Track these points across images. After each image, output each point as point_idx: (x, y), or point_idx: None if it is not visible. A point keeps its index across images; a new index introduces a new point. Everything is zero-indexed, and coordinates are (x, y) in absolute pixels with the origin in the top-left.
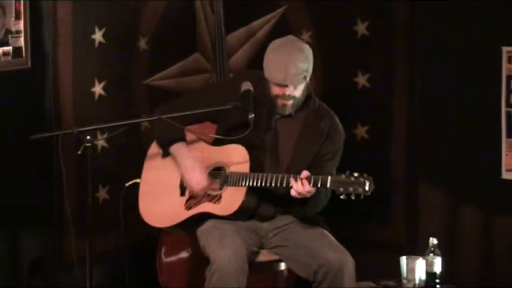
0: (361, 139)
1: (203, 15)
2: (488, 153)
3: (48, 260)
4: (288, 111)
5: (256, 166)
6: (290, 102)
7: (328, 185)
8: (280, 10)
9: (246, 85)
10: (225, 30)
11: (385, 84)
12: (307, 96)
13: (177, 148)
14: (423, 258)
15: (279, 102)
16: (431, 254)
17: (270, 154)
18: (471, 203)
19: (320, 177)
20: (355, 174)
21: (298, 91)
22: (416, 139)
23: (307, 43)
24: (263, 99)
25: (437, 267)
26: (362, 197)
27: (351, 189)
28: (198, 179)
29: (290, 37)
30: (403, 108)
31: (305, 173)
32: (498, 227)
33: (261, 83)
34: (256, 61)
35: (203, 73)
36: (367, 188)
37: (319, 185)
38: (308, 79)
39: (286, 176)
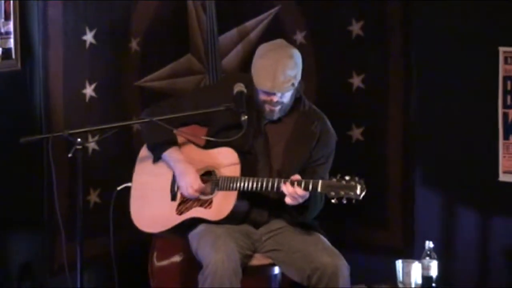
0: (356, 141)
1: (195, 15)
2: (485, 155)
3: (38, 265)
4: (275, 116)
5: (248, 171)
6: (277, 108)
7: (319, 189)
8: (273, 10)
9: (239, 86)
10: (218, 30)
11: (380, 85)
12: (297, 99)
13: (170, 154)
14: (419, 262)
15: (267, 107)
16: (427, 258)
17: (262, 160)
18: (468, 206)
19: (311, 181)
20: (346, 178)
21: (286, 98)
22: (412, 141)
23: (301, 43)
24: (252, 103)
25: (433, 271)
26: (353, 201)
27: (342, 193)
28: (192, 182)
29: (279, 41)
30: (399, 110)
31: (296, 177)
32: (496, 230)
33: (250, 86)
34: (249, 62)
35: (196, 74)
36: (358, 191)
37: (310, 189)
38: (296, 85)
39: (277, 180)
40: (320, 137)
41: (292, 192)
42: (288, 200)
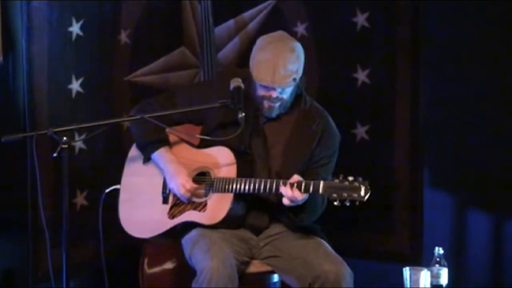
0: (361, 140)
1: (189, 5)
2: (499, 154)
3: (21, 272)
4: (274, 113)
5: (245, 172)
6: (277, 104)
7: (321, 190)
8: (273, 0)
9: (236, 81)
10: (213, 21)
11: (387, 81)
12: (297, 96)
13: (160, 154)
14: (428, 269)
15: (265, 103)
16: (436, 265)
17: (260, 160)
18: (481, 209)
19: (312, 182)
20: (350, 179)
21: (286, 94)
22: (421, 141)
23: (302, 36)
24: (249, 100)
25: (444, 279)
26: (357, 203)
27: (345, 195)
28: (184, 182)
29: (280, 33)
30: (407, 107)
31: (295, 177)
32: (510, 235)
33: (247, 82)
34: (247, 56)
35: (189, 68)
36: (362, 193)
37: (311, 190)
38: (298, 80)
39: (275, 181)
40: (322, 136)
41: (292, 196)
42: (285, 201)
